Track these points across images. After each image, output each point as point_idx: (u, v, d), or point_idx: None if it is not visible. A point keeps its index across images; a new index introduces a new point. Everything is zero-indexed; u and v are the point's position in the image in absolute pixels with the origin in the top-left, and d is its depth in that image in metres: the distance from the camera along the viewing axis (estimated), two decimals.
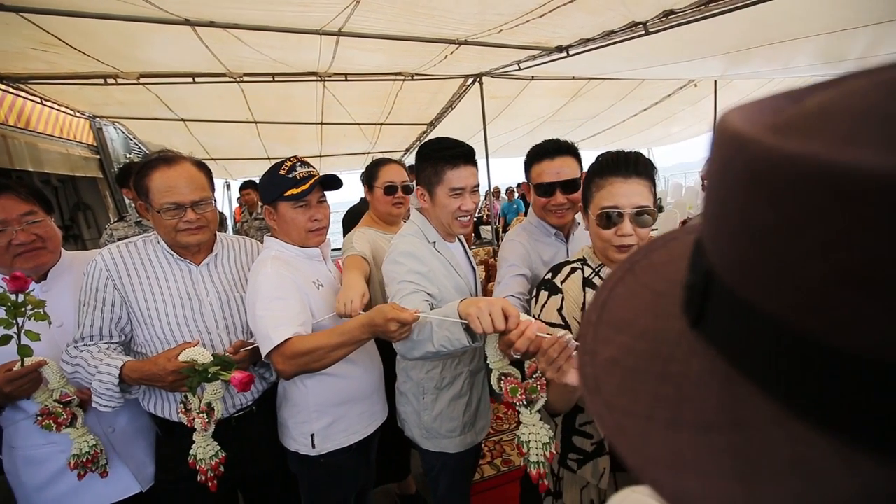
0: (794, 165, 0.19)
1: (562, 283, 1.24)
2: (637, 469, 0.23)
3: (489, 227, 7.66)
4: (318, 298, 1.43)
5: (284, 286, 1.34)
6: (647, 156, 1.27)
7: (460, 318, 1.11)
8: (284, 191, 1.40)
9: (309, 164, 1.46)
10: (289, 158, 1.47)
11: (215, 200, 1.49)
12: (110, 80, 3.89)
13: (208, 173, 1.47)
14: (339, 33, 3.42)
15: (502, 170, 12.81)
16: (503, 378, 1.17)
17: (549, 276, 1.29)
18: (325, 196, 1.50)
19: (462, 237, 1.68)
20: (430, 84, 5.29)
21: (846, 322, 0.19)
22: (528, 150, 1.70)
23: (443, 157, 1.40)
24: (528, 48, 3.87)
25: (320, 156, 7.09)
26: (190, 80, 4.17)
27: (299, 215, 1.42)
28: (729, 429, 0.22)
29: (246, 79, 4.60)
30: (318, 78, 4.90)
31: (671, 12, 2.91)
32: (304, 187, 1.37)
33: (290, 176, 1.41)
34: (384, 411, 1.65)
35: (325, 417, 1.46)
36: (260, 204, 2.12)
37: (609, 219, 1.15)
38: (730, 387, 0.24)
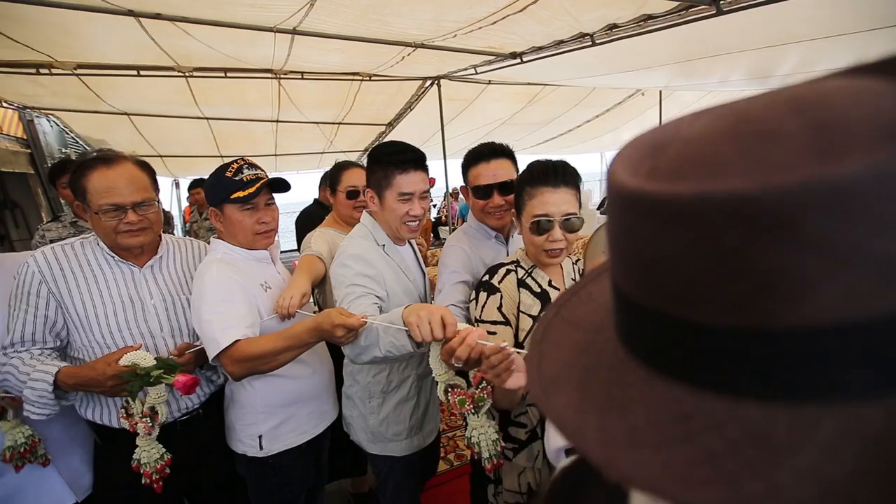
0: (637, 199, 0.27)
1: (499, 283, 1.32)
2: (578, 448, 0.28)
3: (447, 228, 7.75)
4: (265, 300, 1.44)
5: (231, 289, 1.34)
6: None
7: (404, 325, 1.15)
8: (231, 193, 1.39)
9: (256, 167, 1.47)
10: (235, 160, 1.47)
11: (160, 201, 1.47)
12: (43, 70, 3.65)
13: (151, 173, 1.44)
14: (295, 32, 3.39)
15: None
16: (450, 390, 1.21)
17: (487, 277, 1.37)
18: (273, 198, 1.50)
19: (413, 241, 1.73)
20: (389, 85, 5.30)
21: (679, 297, 0.26)
22: (465, 155, 1.72)
23: (392, 161, 1.44)
24: (483, 53, 3.98)
25: (276, 155, 6.92)
26: (134, 72, 3.98)
27: (246, 218, 1.42)
28: (644, 406, 0.28)
29: (196, 73, 4.43)
30: (274, 75, 4.80)
31: (615, 26, 3.08)
32: (251, 190, 1.38)
33: (237, 178, 1.41)
34: (334, 410, 1.68)
35: (273, 418, 1.47)
36: None
37: (540, 226, 1.24)
38: (637, 370, 0.30)
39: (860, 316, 0.22)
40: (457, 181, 7.68)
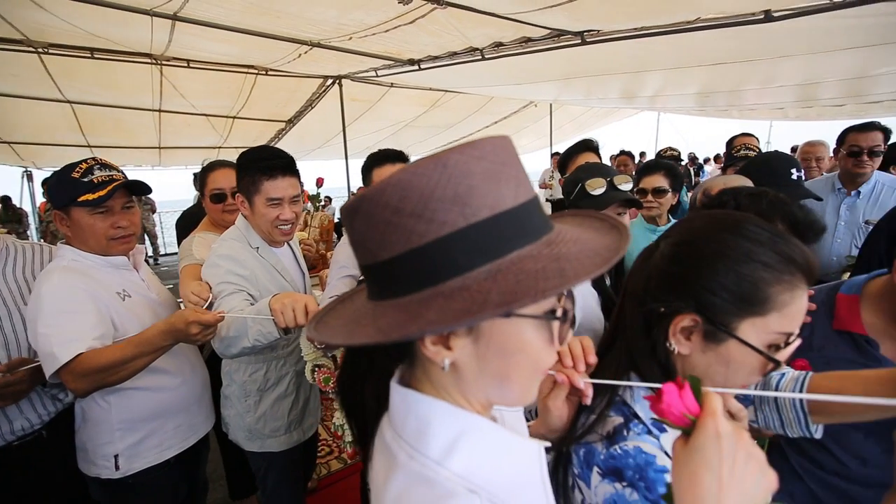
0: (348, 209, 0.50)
1: None
2: (353, 342, 0.49)
3: None
4: (122, 310, 1.35)
5: (75, 298, 1.24)
6: None
7: (270, 314, 1.17)
8: (78, 196, 1.29)
9: (111, 167, 1.37)
10: (86, 160, 1.36)
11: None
12: None
13: None
14: (176, 18, 3.14)
15: None
16: (317, 369, 1.27)
17: None
18: (132, 201, 1.42)
19: (293, 244, 1.73)
20: (288, 81, 5.11)
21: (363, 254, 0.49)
22: (367, 157, 1.77)
23: (260, 167, 1.43)
24: (382, 58, 4.03)
25: (159, 147, 6.29)
26: None
27: (98, 222, 1.32)
28: (373, 318, 0.49)
29: (52, 50, 3.89)
30: (154, 61, 4.38)
31: (501, 44, 3.33)
32: (102, 193, 1.28)
33: (86, 180, 1.30)
34: (208, 422, 1.62)
35: (132, 435, 1.38)
36: None
37: None
38: (369, 304, 0.52)
39: (384, 258, 0.47)
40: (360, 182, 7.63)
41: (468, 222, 0.45)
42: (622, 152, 4.60)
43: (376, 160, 1.71)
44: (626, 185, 1.26)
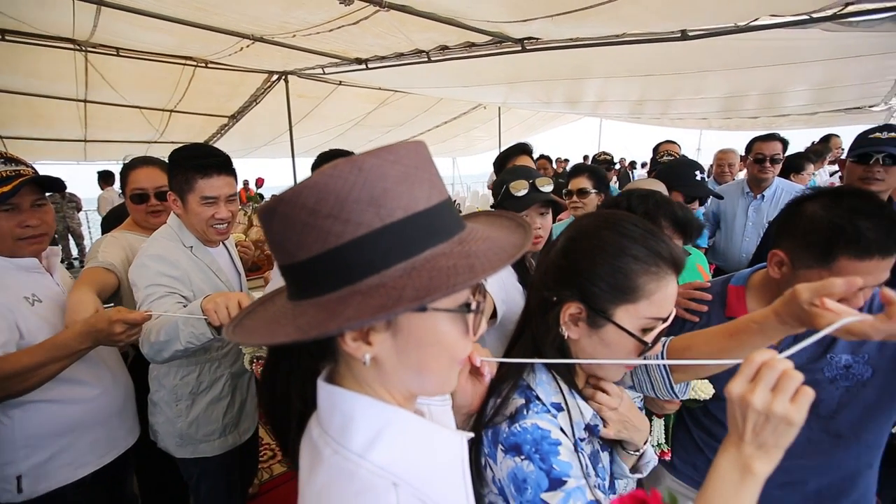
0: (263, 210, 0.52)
1: None
2: (272, 341, 0.50)
3: None
4: (30, 315, 1.26)
5: None
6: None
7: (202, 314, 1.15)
8: None
9: (19, 161, 1.28)
10: None
11: None
12: None
13: None
14: (101, 2, 2.94)
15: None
16: (255, 361, 1.26)
17: None
18: (44, 198, 1.33)
19: (228, 243, 1.69)
20: (230, 75, 4.92)
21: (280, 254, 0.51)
22: (317, 157, 1.75)
23: (193, 166, 1.40)
24: (328, 55, 3.98)
25: (85, 140, 5.84)
26: None
27: (3, 221, 1.23)
28: (293, 317, 0.51)
29: None
30: (78, 47, 4.07)
31: (446, 47, 3.40)
32: (6, 189, 1.20)
33: None
34: (133, 434, 1.53)
35: (39, 453, 1.28)
36: None
37: None
38: (288, 304, 0.54)
39: (302, 259, 0.49)
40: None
41: (383, 223, 0.47)
42: (541, 156, 4.81)
43: (326, 160, 1.72)
44: (547, 187, 1.36)
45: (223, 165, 1.44)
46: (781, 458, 0.66)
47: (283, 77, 4.96)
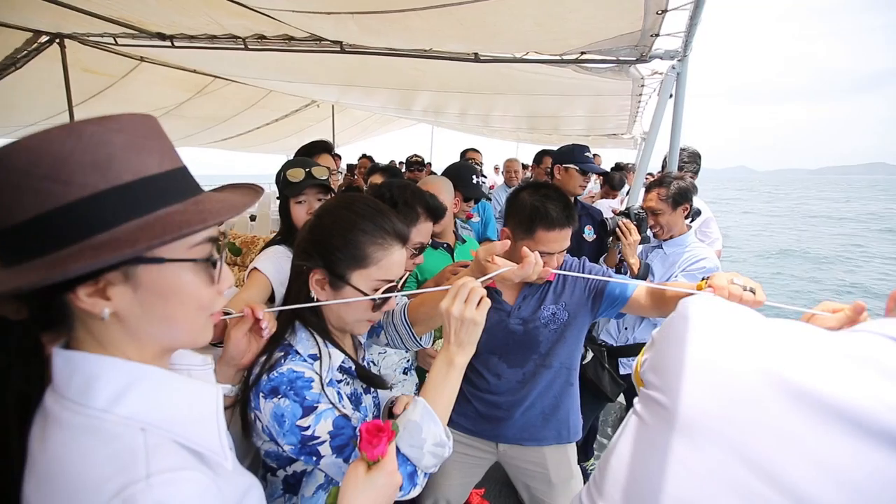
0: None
1: None
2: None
3: None
4: None
5: None
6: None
7: None
8: None
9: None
10: None
11: None
12: None
13: None
14: None
15: None
16: None
17: None
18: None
19: None
20: None
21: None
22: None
23: None
24: (119, 23, 3.45)
25: None
26: None
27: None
28: (7, 279, 0.50)
29: None
30: None
31: (264, 37, 3.29)
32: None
33: None
34: None
35: None
36: None
37: None
38: (6, 271, 0.52)
39: (19, 221, 0.49)
40: None
41: (110, 185, 0.51)
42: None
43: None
44: (322, 176, 1.57)
45: None
46: (521, 394, 0.98)
47: (58, 41, 4.08)
